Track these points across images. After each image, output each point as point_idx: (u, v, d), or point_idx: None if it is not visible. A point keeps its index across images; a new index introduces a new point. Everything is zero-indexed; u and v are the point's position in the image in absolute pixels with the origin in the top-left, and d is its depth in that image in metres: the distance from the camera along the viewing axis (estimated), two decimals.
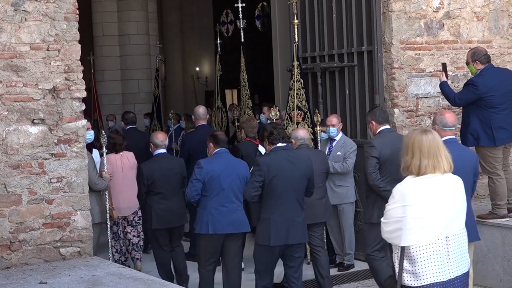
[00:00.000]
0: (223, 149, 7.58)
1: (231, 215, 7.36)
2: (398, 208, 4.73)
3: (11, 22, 6.91)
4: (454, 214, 4.82)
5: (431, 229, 4.69)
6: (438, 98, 9.29)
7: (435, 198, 4.71)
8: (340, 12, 9.67)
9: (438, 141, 4.83)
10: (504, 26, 9.98)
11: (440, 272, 4.69)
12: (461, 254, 4.82)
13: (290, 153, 7.32)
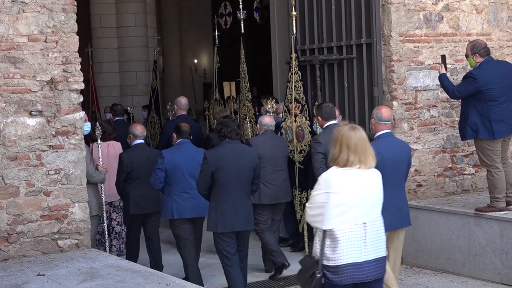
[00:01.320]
0: (185, 139, 8.25)
1: (193, 201, 7.95)
2: (322, 194, 5.15)
3: (8, 13, 6.91)
4: (372, 203, 5.26)
5: (351, 215, 5.13)
6: (437, 91, 9.30)
7: (356, 187, 5.15)
8: (339, 4, 9.67)
9: (365, 138, 5.27)
10: (503, 19, 9.98)
11: (357, 254, 5.11)
12: (377, 239, 5.26)
13: (237, 147, 7.70)
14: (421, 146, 9.34)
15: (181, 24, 24.64)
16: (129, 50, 20.19)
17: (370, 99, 9.38)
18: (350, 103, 9.67)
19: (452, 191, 9.43)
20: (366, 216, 5.21)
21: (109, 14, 20.20)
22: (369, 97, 9.40)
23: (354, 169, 5.19)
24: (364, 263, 5.15)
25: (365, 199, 5.22)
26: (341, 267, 5.12)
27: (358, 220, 5.16)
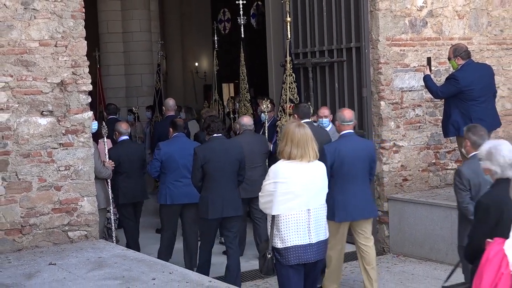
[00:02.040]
0: (180, 133, 8.63)
1: (185, 188, 8.22)
2: (271, 184, 5.46)
3: (21, 20, 6.90)
4: (315, 192, 5.54)
5: (296, 202, 5.43)
6: (422, 91, 9.31)
7: (301, 178, 5.42)
8: (330, 10, 9.67)
9: (308, 134, 5.49)
10: (483, 24, 9.99)
11: (302, 237, 5.44)
12: (320, 225, 5.57)
13: (223, 141, 7.97)
14: (407, 143, 9.35)
15: (182, 30, 24.63)
16: (134, 54, 20.18)
17: (359, 99, 9.39)
18: (340, 103, 9.66)
19: (436, 185, 9.45)
20: (310, 203, 5.48)
21: (115, 21, 20.20)
22: (358, 97, 9.41)
23: (298, 162, 5.44)
24: (308, 245, 5.46)
25: (309, 188, 5.48)
26: (287, 249, 5.44)
27: (302, 207, 5.45)
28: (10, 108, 6.88)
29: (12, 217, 6.91)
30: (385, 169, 9.15)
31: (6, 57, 6.86)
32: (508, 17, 10.21)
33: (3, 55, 6.84)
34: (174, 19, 24.60)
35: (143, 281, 5.69)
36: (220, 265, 8.19)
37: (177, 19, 24.62)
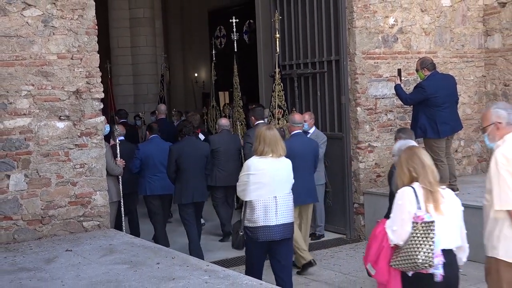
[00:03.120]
0: (155, 135, 9.05)
1: (161, 181, 8.67)
2: (245, 175, 5.93)
3: (41, 36, 6.89)
4: (281, 182, 5.98)
5: (265, 191, 5.88)
6: (393, 99, 9.34)
7: (269, 170, 5.88)
8: (313, 27, 9.70)
9: (277, 135, 6.04)
10: (447, 40, 10.04)
11: (269, 219, 5.86)
12: (286, 209, 5.98)
13: (194, 141, 8.69)
14: (380, 143, 9.38)
15: (184, 44, 24.61)
16: (141, 66, 20.19)
17: (338, 106, 9.41)
18: (322, 109, 9.70)
19: None
20: (277, 191, 5.91)
21: (124, 36, 20.21)
22: (337, 104, 9.43)
23: (268, 158, 5.89)
24: (275, 226, 5.87)
25: (276, 179, 5.91)
26: (257, 228, 5.88)
27: (270, 194, 5.88)
28: (31, 113, 6.87)
29: (33, 209, 6.90)
30: (361, 167, 9.18)
31: (28, 69, 6.85)
32: (468, 34, 10.26)
33: (26, 66, 6.83)
34: (176, 35, 24.58)
35: (149, 265, 5.69)
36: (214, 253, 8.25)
37: (178, 35, 24.60)
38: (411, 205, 4.18)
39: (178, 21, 24.49)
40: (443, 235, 4.17)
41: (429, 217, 4.12)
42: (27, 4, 6.81)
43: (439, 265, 4.12)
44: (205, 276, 5.26)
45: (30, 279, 5.40)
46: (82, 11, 7.10)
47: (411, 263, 4.12)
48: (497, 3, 10.19)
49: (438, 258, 4.11)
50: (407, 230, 4.16)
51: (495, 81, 10.34)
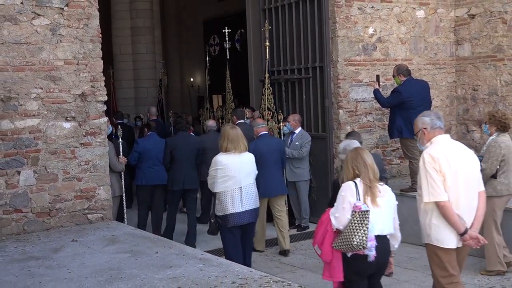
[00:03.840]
0: (152, 132, 9.20)
1: (155, 173, 8.83)
2: (213, 170, 6.32)
3: (49, 43, 6.88)
4: (245, 175, 6.36)
5: (231, 182, 6.27)
6: (372, 102, 9.37)
7: (234, 165, 6.28)
8: (299, 37, 9.72)
9: (239, 133, 6.39)
10: (421, 48, 10.08)
11: (236, 207, 6.27)
12: (250, 197, 6.40)
13: (186, 135, 9.01)
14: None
15: (180, 52, 24.57)
16: (142, 71, 20.13)
17: (322, 108, 9.44)
18: (307, 111, 9.71)
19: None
20: (242, 182, 6.31)
21: (126, 44, 20.14)
22: (321, 106, 9.45)
23: (231, 153, 6.27)
24: (241, 212, 6.29)
25: (240, 172, 6.30)
26: (226, 216, 6.29)
27: (236, 185, 6.28)
28: (40, 115, 6.85)
29: (41, 202, 6.89)
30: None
31: (37, 73, 6.83)
32: (440, 43, 10.31)
33: (35, 71, 6.82)
34: (173, 43, 24.54)
35: (148, 254, 5.69)
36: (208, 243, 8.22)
37: (176, 43, 24.56)
38: (352, 197, 4.52)
39: (176, 30, 24.45)
40: (377, 223, 4.50)
41: (366, 207, 4.46)
42: (37, 14, 6.80)
43: (372, 248, 4.46)
44: (200, 264, 5.27)
45: (38, 267, 5.39)
46: (87, 20, 7.09)
47: (348, 245, 4.44)
48: (467, 15, 10.25)
49: (371, 242, 4.43)
50: (347, 217, 4.50)
51: (465, 86, 10.40)
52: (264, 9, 10.33)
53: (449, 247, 4.68)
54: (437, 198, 4.62)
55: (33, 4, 6.77)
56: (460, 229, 4.60)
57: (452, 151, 4.77)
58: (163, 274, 4.97)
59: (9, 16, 6.66)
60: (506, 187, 6.62)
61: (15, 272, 5.23)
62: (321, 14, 9.25)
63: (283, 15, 10.01)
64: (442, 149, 4.74)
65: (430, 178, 4.63)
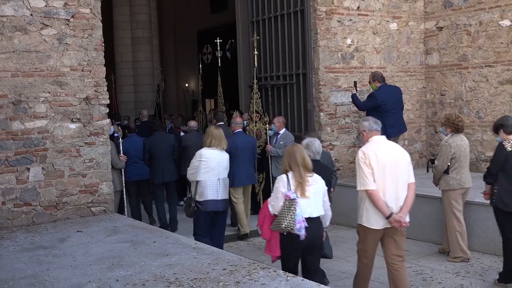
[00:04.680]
0: (132, 133, 9.37)
1: (137, 170, 8.90)
2: (197, 161, 6.55)
3: (57, 51, 6.84)
4: (223, 168, 6.68)
5: (211, 174, 6.56)
6: (350, 106, 9.40)
7: (215, 159, 6.59)
8: (284, 46, 9.73)
9: (222, 133, 6.74)
10: (394, 57, 10.12)
11: (214, 195, 6.56)
12: (225, 189, 6.71)
13: (162, 135, 9.14)
14: (339, 142, 9.44)
15: (176, 59, 24.53)
16: (141, 77, 20.15)
17: (305, 111, 9.45)
18: (291, 113, 9.72)
19: None
20: (220, 175, 6.62)
21: (127, 52, 20.16)
22: (304, 109, 9.47)
23: (214, 149, 6.59)
24: (218, 200, 6.58)
25: (220, 165, 6.62)
26: (206, 201, 6.55)
27: (215, 177, 6.57)
28: (48, 116, 6.82)
29: (49, 197, 6.86)
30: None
31: (45, 79, 6.80)
32: (411, 52, 10.36)
33: (44, 77, 6.78)
34: (170, 51, 24.50)
35: (147, 243, 5.67)
36: None
37: (172, 51, 24.52)
38: (283, 187, 4.88)
39: (172, 40, 24.41)
40: (306, 208, 4.87)
41: (294, 195, 4.83)
42: (45, 25, 6.77)
43: (301, 229, 4.80)
44: (194, 252, 5.26)
45: (46, 255, 5.36)
46: (91, 31, 7.06)
47: (279, 227, 4.83)
48: (435, 28, 10.30)
49: (299, 224, 4.79)
50: (280, 205, 4.86)
51: (433, 91, 10.46)
52: (253, 21, 10.34)
53: (375, 228, 5.05)
54: (366, 187, 4.99)
55: (41, 15, 6.74)
56: (386, 213, 4.95)
57: (383, 149, 5.10)
58: (160, 262, 4.96)
59: (20, 27, 6.63)
60: (457, 181, 6.76)
61: (25, 260, 5.20)
62: (304, 26, 9.27)
63: (270, 26, 10.02)
64: (373, 147, 5.10)
65: (361, 170, 5.01)
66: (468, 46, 9.82)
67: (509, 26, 9.22)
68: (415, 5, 10.32)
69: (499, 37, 9.37)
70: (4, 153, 6.58)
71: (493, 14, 9.43)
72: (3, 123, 6.57)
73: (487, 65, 9.56)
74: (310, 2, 9.16)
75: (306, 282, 4.32)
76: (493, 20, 9.43)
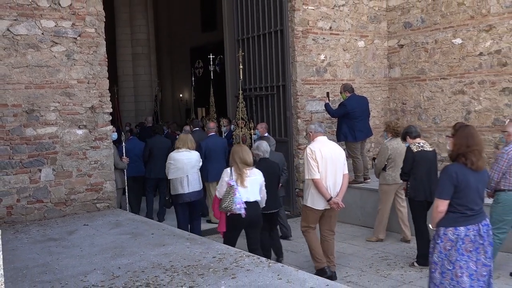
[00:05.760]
0: (133, 136, 9.59)
1: (136, 168, 8.90)
2: (168, 163, 6.91)
3: (65, 66, 6.80)
4: (191, 167, 6.87)
5: (181, 171, 6.81)
6: (323, 113, 9.42)
7: (182, 160, 6.84)
8: (266, 61, 9.74)
9: (188, 136, 7.09)
10: (362, 71, 10.19)
11: (184, 189, 6.82)
12: (194, 182, 6.91)
13: (160, 137, 9.24)
14: None
15: (172, 73, 24.45)
16: (140, 89, 20.08)
17: (284, 118, 9.46)
18: (273, 120, 9.72)
19: None
20: (188, 172, 6.83)
21: (128, 67, 20.08)
22: (283, 117, 9.48)
23: (181, 151, 6.88)
24: (188, 193, 6.85)
25: (187, 165, 6.83)
26: (178, 195, 6.86)
27: (183, 174, 6.82)
28: (58, 123, 6.77)
29: (59, 194, 6.80)
30: (301, 162, 9.22)
31: (55, 90, 6.75)
32: (376, 67, 10.44)
33: (53, 89, 6.74)
34: (166, 66, 24.41)
35: (145, 235, 5.65)
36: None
37: (168, 66, 24.43)
38: (227, 177, 5.30)
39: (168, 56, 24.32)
40: (245, 194, 5.24)
41: (234, 183, 5.22)
42: (55, 43, 6.73)
43: (241, 209, 5.19)
44: (187, 243, 5.25)
45: (56, 246, 5.32)
46: (96, 48, 7.02)
47: (221, 206, 5.23)
48: (397, 45, 10.39)
49: (239, 205, 5.19)
50: (224, 190, 5.25)
51: (396, 100, 10.54)
52: (239, 39, 10.34)
53: (318, 208, 5.59)
54: (312, 176, 5.51)
55: (52, 34, 6.69)
56: (327, 197, 5.51)
57: (325, 147, 5.63)
58: (158, 251, 4.94)
59: (32, 44, 6.58)
60: (392, 178, 7.01)
61: (37, 251, 5.16)
62: (283, 44, 9.29)
63: (254, 44, 10.03)
64: (318, 145, 5.62)
65: (309, 163, 5.52)
66: (426, 61, 9.92)
67: (461, 44, 9.34)
68: (379, 26, 10.41)
69: (452, 53, 9.48)
70: (18, 156, 6.53)
71: (447, 34, 9.54)
72: (17, 129, 6.52)
73: (442, 78, 9.67)
74: (288, 23, 9.19)
75: (286, 268, 4.33)
76: (447, 38, 9.54)
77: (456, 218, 3.75)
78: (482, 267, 3.77)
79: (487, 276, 3.81)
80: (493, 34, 8.85)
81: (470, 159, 3.75)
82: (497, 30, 8.80)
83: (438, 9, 9.63)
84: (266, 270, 4.22)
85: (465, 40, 9.25)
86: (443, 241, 3.78)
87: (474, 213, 3.77)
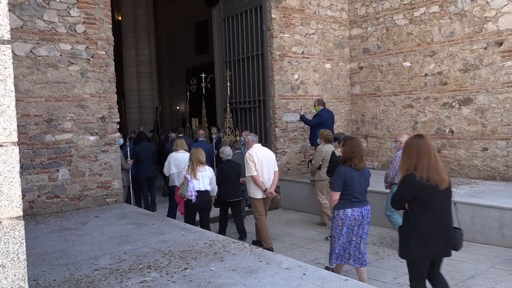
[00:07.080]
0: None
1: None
2: (167, 162, 7.13)
3: (80, 82, 6.74)
4: (185, 164, 6.67)
5: (178, 167, 6.98)
6: (297, 123, 9.49)
7: (179, 158, 7.05)
8: (250, 79, 9.78)
9: (183, 141, 7.31)
10: (328, 88, 10.28)
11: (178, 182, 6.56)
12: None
13: (146, 144, 9.09)
14: (289, 150, 9.51)
15: (170, 88, 24.35)
16: (143, 102, 19.91)
17: (265, 127, 9.49)
18: (255, 129, 9.73)
19: (304, 172, 9.64)
20: (181, 169, 6.78)
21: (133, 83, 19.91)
22: (264, 126, 9.51)
23: (181, 152, 7.10)
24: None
25: (183, 162, 6.92)
26: (173, 186, 6.95)
27: (180, 169, 6.84)
28: (73, 131, 6.70)
29: (74, 191, 6.73)
30: (278, 164, 9.24)
31: (71, 103, 6.69)
32: (340, 85, 10.54)
33: (70, 101, 6.68)
34: (165, 83, 24.31)
35: (147, 225, 5.62)
36: None
37: (167, 83, 24.33)
38: (184, 171, 5.91)
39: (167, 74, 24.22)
40: (197, 184, 5.81)
41: (188, 176, 5.78)
42: (71, 63, 6.67)
43: (193, 195, 5.74)
44: (183, 231, 5.24)
45: (71, 235, 5.26)
46: (106, 67, 6.98)
47: (179, 193, 5.80)
48: (357, 67, 10.51)
49: (191, 193, 5.72)
50: (181, 181, 5.85)
51: (356, 113, 10.65)
52: (227, 61, 10.36)
53: (258, 197, 6.13)
54: (251, 174, 6.06)
55: (68, 55, 6.64)
56: (263, 188, 6.08)
57: (260, 151, 6.15)
58: (158, 239, 4.92)
59: (52, 64, 6.51)
60: (325, 175, 7.22)
61: (55, 239, 5.10)
62: (264, 65, 9.34)
63: (239, 65, 10.07)
64: (255, 150, 6.15)
65: (249, 164, 6.04)
66: (381, 81, 10.06)
67: (409, 66, 9.50)
68: (343, 51, 10.53)
69: (402, 74, 9.63)
70: (39, 158, 6.45)
71: (398, 58, 9.69)
72: (38, 136, 6.44)
73: (394, 94, 9.81)
74: (268, 48, 9.25)
75: (265, 252, 4.35)
76: (398, 62, 9.69)
77: (345, 203, 4.34)
78: (358, 238, 4.41)
79: (360, 243, 4.43)
80: (436, 59, 9.03)
81: (354, 162, 4.35)
82: (439, 55, 8.97)
83: (391, 37, 9.79)
84: (249, 254, 4.24)
85: (413, 63, 9.42)
86: (337, 220, 4.40)
87: (358, 200, 4.36)
